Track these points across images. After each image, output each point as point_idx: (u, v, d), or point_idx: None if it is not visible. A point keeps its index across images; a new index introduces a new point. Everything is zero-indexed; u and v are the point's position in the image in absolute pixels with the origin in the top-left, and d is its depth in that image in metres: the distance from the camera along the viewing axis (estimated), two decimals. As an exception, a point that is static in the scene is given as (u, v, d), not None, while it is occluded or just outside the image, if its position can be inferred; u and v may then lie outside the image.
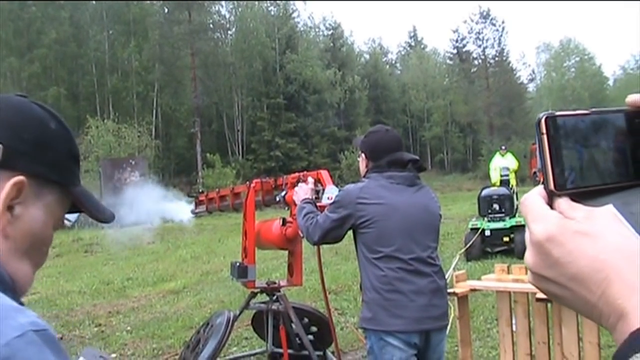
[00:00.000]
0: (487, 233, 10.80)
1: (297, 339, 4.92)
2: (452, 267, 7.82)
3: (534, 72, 65.52)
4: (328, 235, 3.38)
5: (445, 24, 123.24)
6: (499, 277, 4.57)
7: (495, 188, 12.12)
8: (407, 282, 3.26)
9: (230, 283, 9.21)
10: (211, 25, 48.23)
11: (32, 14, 40.91)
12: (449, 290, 4.21)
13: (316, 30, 57.83)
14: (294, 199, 3.88)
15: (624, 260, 0.53)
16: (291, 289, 6.06)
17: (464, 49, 58.67)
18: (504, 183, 13.20)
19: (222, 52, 47.44)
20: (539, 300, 4.09)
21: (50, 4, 41.71)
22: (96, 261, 14.92)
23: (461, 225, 14.52)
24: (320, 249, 3.96)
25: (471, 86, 55.96)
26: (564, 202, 0.58)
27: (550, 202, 0.59)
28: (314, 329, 5.22)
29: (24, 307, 0.84)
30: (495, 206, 10.89)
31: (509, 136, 46.32)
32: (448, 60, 61.84)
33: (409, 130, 54.72)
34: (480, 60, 57.83)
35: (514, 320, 4.52)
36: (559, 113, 0.60)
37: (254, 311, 5.44)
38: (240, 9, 49.46)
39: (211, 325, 4.78)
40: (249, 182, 5.08)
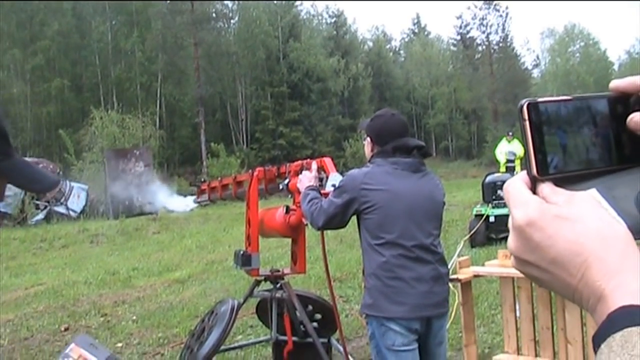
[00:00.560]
0: (492, 219, 10.80)
1: (302, 326, 4.94)
2: (457, 254, 7.82)
3: (538, 58, 65.41)
4: (332, 220, 3.39)
5: (449, 11, 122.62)
6: (502, 263, 4.59)
7: (500, 174, 12.11)
8: (409, 269, 3.28)
9: (235, 272, 9.24)
10: (214, 15, 48.07)
11: (35, 5, 40.76)
12: (452, 277, 4.23)
13: (319, 18, 57.68)
14: (298, 186, 3.88)
15: (603, 244, 0.54)
16: (296, 277, 6.08)
17: (468, 36, 58.38)
18: (510, 170, 13.20)
19: (225, 42, 47.29)
20: (542, 285, 4.10)
21: (53, -4, 41.68)
22: (102, 252, 14.98)
23: (466, 212, 14.51)
24: (325, 237, 3.97)
25: (475, 73, 55.76)
26: (546, 187, 0.59)
27: (534, 188, 0.60)
28: (318, 317, 5.23)
29: None
30: (500, 192, 10.86)
31: (514, 122, 46.07)
32: (452, 47, 61.54)
33: (413, 118, 54.48)
34: (484, 47, 57.55)
35: (517, 306, 4.55)
36: (540, 99, 0.61)
37: (258, 299, 5.45)
38: (242, -2, 49.33)
39: (216, 314, 4.80)
40: (251, 171, 5.08)
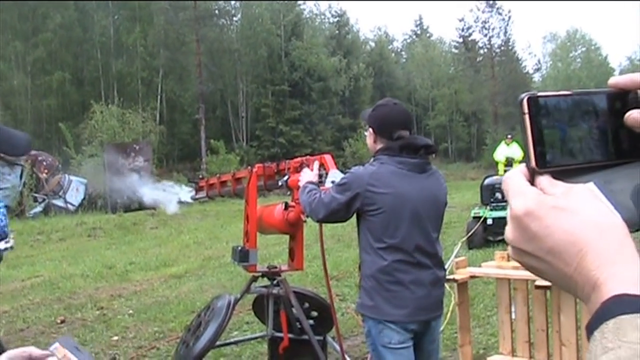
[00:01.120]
0: (489, 222, 10.83)
1: (298, 323, 4.95)
2: (454, 256, 7.84)
3: (539, 62, 65.40)
4: (334, 215, 3.35)
5: (451, 13, 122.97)
6: (499, 265, 4.61)
7: (498, 177, 12.12)
8: (408, 274, 3.27)
9: (232, 268, 9.25)
10: (216, 12, 48.02)
11: (38, -2, 40.79)
12: (449, 277, 4.25)
13: (322, 17, 57.56)
14: (299, 184, 3.89)
15: (599, 235, 0.55)
16: (293, 274, 6.08)
17: (470, 38, 58.27)
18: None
19: (227, 39, 47.23)
20: (538, 287, 4.12)
21: (56, -12, 41.59)
22: (99, 245, 14.98)
23: (464, 214, 14.54)
24: (323, 235, 3.97)
25: (476, 75, 55.72)
26: (544, 180, 0.60)
27: (532, 180, 0.61)
28: (315, 314, 5.24)
29: None
30: (498, 195, 10.88)
31: (514, 125, 46.11)
32: (453, 49, 61.45)
33: (414, 119, 54.44)
34: (486, 50, 57.47)
35: (513, 308, 4.56)
36: (540, 93, 0.62)
37: (255, 295, 5.46)
38: (245, -4, 49.28)
39: (212, 309, 4.81)
40: (250, 167, 5.09)
